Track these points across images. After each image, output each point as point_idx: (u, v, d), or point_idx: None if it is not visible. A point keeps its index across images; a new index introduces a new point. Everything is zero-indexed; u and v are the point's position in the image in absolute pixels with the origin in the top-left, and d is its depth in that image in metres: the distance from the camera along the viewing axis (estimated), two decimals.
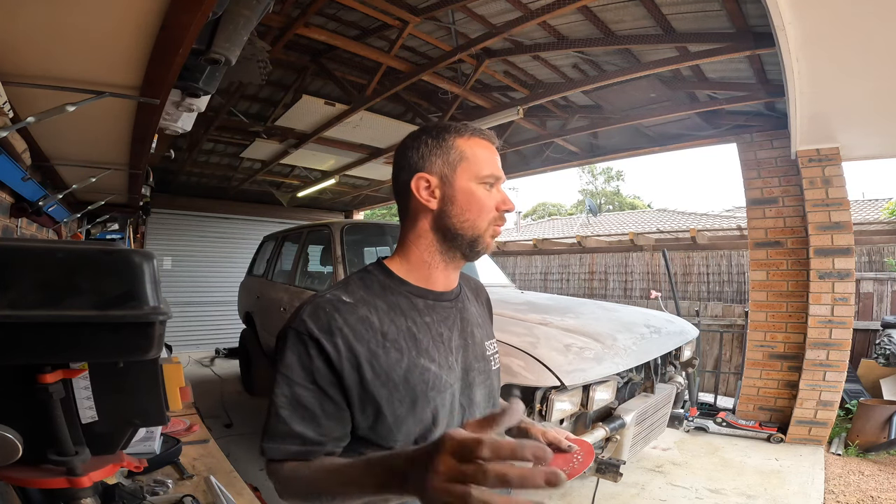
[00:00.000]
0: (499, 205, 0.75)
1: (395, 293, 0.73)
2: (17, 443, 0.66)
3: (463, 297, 0.82)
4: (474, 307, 0.86)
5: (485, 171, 0.73)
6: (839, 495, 2.58)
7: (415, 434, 0.69)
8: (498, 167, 0.76)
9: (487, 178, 0.74)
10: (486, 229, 0.74)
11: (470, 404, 0.76)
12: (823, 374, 3.33)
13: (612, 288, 7.24)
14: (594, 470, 1.90)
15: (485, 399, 0.79)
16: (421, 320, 0.73)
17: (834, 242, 3.32)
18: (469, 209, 0.73)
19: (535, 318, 2.33)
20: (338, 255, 3.26)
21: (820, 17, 2.19)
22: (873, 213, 6.95)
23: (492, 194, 0.75)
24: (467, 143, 0.74)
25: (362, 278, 0.75)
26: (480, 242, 0.75)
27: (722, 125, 3.99)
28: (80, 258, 0.63)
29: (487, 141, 0.76)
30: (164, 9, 1.00)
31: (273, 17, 2.88)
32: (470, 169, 0.73)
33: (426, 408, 0.69)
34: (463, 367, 0.76)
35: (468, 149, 0.74)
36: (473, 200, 0.73)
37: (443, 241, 0.74)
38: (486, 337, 0.84)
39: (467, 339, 0.78)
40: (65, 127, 1.75)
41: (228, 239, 7.35)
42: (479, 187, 0.73)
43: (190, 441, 1.73)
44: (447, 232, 0.74)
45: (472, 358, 0.78)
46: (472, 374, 0.77)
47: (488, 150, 0.75)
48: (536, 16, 2.78)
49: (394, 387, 0.67)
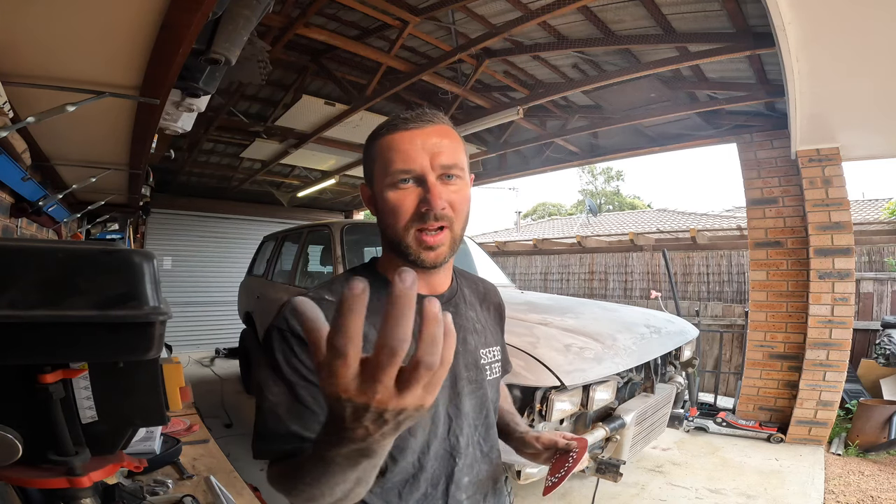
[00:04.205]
0: (419, 205, 0.64)
1: (379, 295, 0.67)
2: (17, 443, 0.66)
3: (458, 301, 0.77)
4: (474, 312, 0.80)
5: (393, 168, 0.65)
6: (839, 495, 2.57)
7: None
8: (416, 159, 0.64)
9: (398, 174, 0.65)
10: (404, 234, 0.66)
11: (458, 415, 0.71)
12: (823, 374, 3.33)
13: (612, 288, 7.24)
14: (594, 470, 1.90)
15: (475, 410, 0.74)
16: None
17: (834, 242, 3.32)
18: (388, 213, 0.67)
19: (535, 318, 2.33)
20: (338, 255, 3.26)
21: (820, 16, 2.19)
22: (873, 213, 6.95)
23: (406, 193, 0.65)
24: (384, 141, 0.67)
25: (347, 277, 0.70)
26: (407, 249, 0.66)
27: (722, 125, 3.99)
28: (80, 258, 0.63)
29: (409, 130, 0.66)
30: (164, 8, 1.00)
31: (273, 17, 2.88)
32: (383, 170, 0.67)
33: None
34: (451, 374, 0.71)
35: (382, 149, 0.67)
36: (387, 203, 0.66)
37: (390, 249, 0.71)
38: (483, 344, 0.78)
39: (457, 347, 0.73)
40: (65, 127, 1.75)
41: (228, 239, 7.35)
42: (390, 188, 0.66)
43: (190, 441, 1.73)
44: (384, 240, 0.71)
45: (462, 367, 0.73)
46: (461, 384, 0.72)
47: (401, 143, 0.66)
48: (536, 16, 2.78)
49: None
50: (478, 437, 0.75)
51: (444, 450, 0.70)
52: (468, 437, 0.73)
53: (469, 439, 0.73)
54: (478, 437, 0.75)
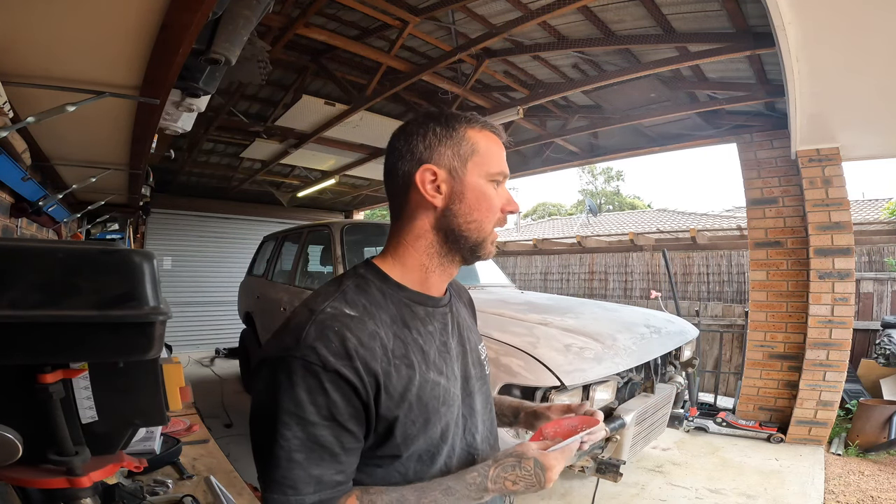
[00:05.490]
0: (504, 205, 0.69)
1: (394, 300, 0.66)
2: (17, 443, 0.66)
3: (454, 299, 0.78)
4: (462, 309, 0.81)
5: (495, 168, 0.68)
6: (839, 495, 2.57)
7: (420, 451, 0.64)
8: (506, 164, 0.70)
9: (497, 175, 0.68)
10: (490, 232, 0.68)
11: (471, 413, 0.72)
12: (823, 374, 3.33)
13: (612, 288, 7.24)
14: (594, 470, 1.90)
15: (483, 406, 0.75)
16: (425, 330, 0.67)
17: (834, 242, 3.32)
18: (478, 209, 0.66)
19: (535, 318, 2.33)
20: (338, 255, 3.26)
21: (820, 16, 2.19)
22: (873, 213, 6.95)
23: (499, 193, 0.69)
24: (479, 134, 0.68)
25: (358, 284, 0.66)
26: (483, 247, 0.68)
27: (722, 125, 3.99)
28: (80, 258, 0.63)
29: (497, 135, 0.70)
30: (164, 8, 1.00)
31: (273, 17, 2.88)
32: (482, 164, 0.67)
33: (437, 425, 0.64)
34: (463, 375, 0.72)
35: (480, 141, 0.67)
36: (483, 199, 0.66)
37: (444, 243, 0.67)
38: (479, 340, 0.80)
39: (465, 346, 0.74)
40: (65, 127, 1.75)
41: (228, 239, 7.35)
42: (489, 185, 0.67)
43: (190, 441, 1.73)
44: (450, 233, 0.66)
45: (471, 365, 0.74)
46: (472, 383, 0.73)
47: (498, 145, 0.70)
48: (536, 16, 2.78)
49: (408, 407, 0.61)
50: (486, 433, 0.76)
51: (462, 449, 0.70)
52: (482, 434, 0.74)
53: (482, 436, 0.74)
54: (486, 433, 0.76)
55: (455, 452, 0.69)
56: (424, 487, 0.61)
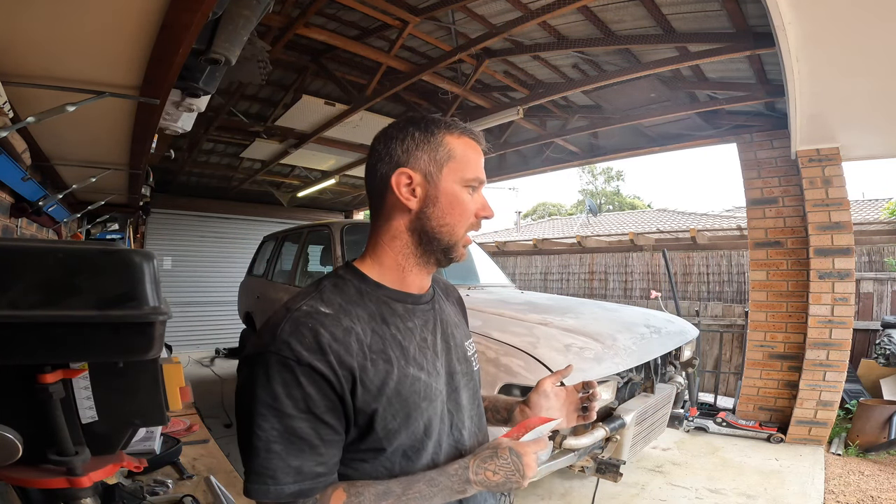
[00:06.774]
0: (478, 211, 0.71)
1: (372, 299, 0.68)
2: (17, 443, 0.66)
3: (438, 297, 0.79)
4: (449, 307, 0.83)
5: (471, 174, 0.69)
6: (839, 495, 2.57)
7: (404, 446, 0.65)
8: (483, 171, 0.72)
9: (472, 181, 0.70)
10: (462, 236, 0.70)
11: (457, 409, 0.73)
12: (823, 374, 3.33)
13: (612, 288, 7.24)
14: (594, 470, 1.90)
15: (470, 401, 0.76)
16: (404, 326, 0.68)
17: (834, 242, 3.32)
18: (451, 213, 0.68)
19: (535, 318, 2.33)
20: (337, 255, 3.26)
21: (820, 17, 2.19)
22: (873, 213, 6.95)
23: (474, 199, 0.71)
24: (457, 140, 0.70)
25: (336, 284, 0.68)
26: (455, 250, 0.70)
27: (722, 125, 3.99)
28: (80, 258, 0.63)
29: (476, 141, 0.72)
30: (164, 8, 1.00)
31: (273, 17, 2.88)
32: (457, 170, 0.68)
33: (419, 419, 0.66)
34: (447, 370, 0.73)
35: (458, 147, 0.69)
36: (456, 204, 0.69)
37: (418, 245, 0.70)
38: (465, 337, 0.81)
39: (449, 342, 0.75)
40: (65, 127, 1.75)
41: (228, 239, 7.35)
42: (464, 191, 0.69)
43: (190, 441, 1.73)
44: (424, 235, 0.69)
45: (455, 360, 0.75)
46: (457, 378, 0.74)
47: (476, 152, 0.71)
48: (536, 16, 2.78)
49: (386, 402, 0.62)
50: (474, 429, 0.77)
51: (450, 445, 0.71)
52: (469, 430, 0.75)
53: (470, 431, 0.75)
54: (474, 429, 0.77)
55: (442, 448, 0.69)
56: (409, 480, 0.63)
